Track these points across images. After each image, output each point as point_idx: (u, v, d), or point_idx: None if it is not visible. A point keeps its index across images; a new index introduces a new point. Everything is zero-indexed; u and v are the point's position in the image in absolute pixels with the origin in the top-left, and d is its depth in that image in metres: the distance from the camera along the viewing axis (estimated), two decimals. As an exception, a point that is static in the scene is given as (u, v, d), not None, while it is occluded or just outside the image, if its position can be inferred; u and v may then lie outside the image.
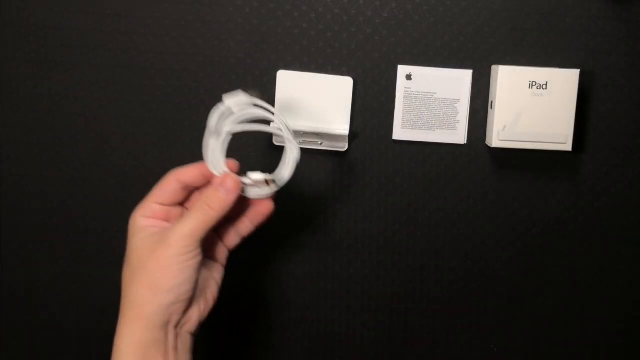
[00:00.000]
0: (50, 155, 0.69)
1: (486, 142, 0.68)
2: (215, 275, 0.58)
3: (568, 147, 0.64)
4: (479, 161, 0.69)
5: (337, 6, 0.66)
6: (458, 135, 0.68)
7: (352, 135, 0.68)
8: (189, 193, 0.57)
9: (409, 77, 0.67)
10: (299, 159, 0.55)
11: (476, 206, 0.69)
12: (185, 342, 0.54)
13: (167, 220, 0.55)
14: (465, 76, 0.67)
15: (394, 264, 0.71)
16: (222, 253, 0.59)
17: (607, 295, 0.70)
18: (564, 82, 0.63)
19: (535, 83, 0.63)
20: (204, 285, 0.56)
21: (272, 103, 0.67)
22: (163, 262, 0.51)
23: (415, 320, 0.71)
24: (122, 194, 0.70)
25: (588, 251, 0.70)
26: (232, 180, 0.54)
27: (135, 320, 0.51)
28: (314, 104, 0.67)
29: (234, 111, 0.54)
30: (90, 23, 0.67)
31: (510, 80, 0.64)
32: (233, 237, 0.59)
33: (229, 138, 0.55)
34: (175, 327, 0.53)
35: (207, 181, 0.55)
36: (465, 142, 0.68)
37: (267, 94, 0.68)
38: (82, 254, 0.71)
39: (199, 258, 0.52)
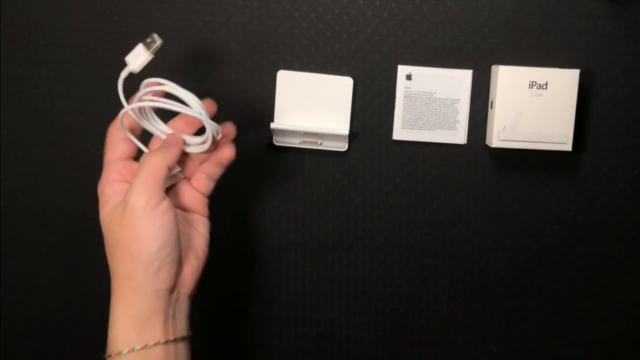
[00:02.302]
0: (50, 155, 0.69)
1: (486, 142, 0.68)
2: (199, 229, 0.56)
3: (568, 147, 0.64)
4: (479, 161, 0.69)
5: (337, 6, 0.66)
6: (458, 135, 0.68)
7: (352, 135, 0.68)
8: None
9: (409, 77, 0.67)
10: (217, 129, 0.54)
11: (476, 206, 0.69)
12: (183, 308, 0.53)
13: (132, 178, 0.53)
14: (465, 76, 0.67)
15: (394, 264, 0.71)
16: (200, 203, 0.57)
17: (607, 295, 0.70)
18: (564, 82, 0.63)
19: (535, 83, 0.64)
20: (189, 242, 0.54)
21: (272, 103, 0.67)
22: (133, 231, 0.49)
23: (415, 320, 0.71)
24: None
25: (588, 251, 0.70)
26: (173, 138, 0.54)
27: (127, 295, 0.50)
28: (314, 104, 0.67)
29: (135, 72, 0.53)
30: (90, 23, 0.67)
31: (510, 80, 0.64)
32: (206, 183, 0.57)
33: (140, 106, 0.53)
34: (171, 292, 0.52)
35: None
36: (465, 142, 0.68)
37: (267, 94, 0.68)
38: (82, 254, 0.71)
39: (166, 217, 0.50)
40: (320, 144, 0.68)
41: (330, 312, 0.72)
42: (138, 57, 0.54)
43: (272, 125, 0.66)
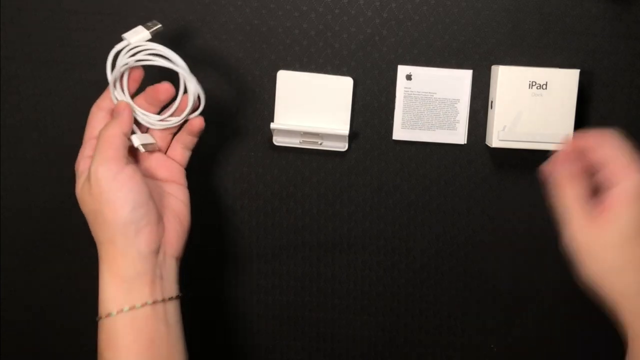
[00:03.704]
0: (50, 155, 0.69)
1: (486, 142, 0.68)
2: (179, 196, 0.58)
3: (568, 147, 0.64)
4: (479, 161, 0.69)
5: (337, 6, 0.66)
6: (458, 135, 0.68)
7: (352, 135, 0.68)
8: None
9: (409, 77, 0.67)
10: (199, 92, 0.57)
11: (476, 206, 0.69)
12: (171, 269, 0.55)
13: None
14: (465, 76, 0.67)
15: (394, 264, 0.71)
16: (178, 172, 0.60)
17: (607, 295, 0.70)
18: (564, 82, 0.64)
19: (535, 83, 0.64)
20: (170, 209, 0.56)
21: (272, 103, 0.67)
22: (102, 198, 0.51)
23: (415, 320, 0.71)
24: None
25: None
26: (121, 107, 0.56)
27: (112, 259, 0.52)
28: (314, 104, 0.67)
29: (132, 46, 0.56)
30: (90, 23, 0.67)
31: (510, 80, 0.64)
32: (182, 152, 0.60)
33: (124, 69, 0.57)
34: (157, 254, 0.53)
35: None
36: (465, 142, 0.68)
37: (267, 94, 0.68)
38: (82, 254, 0.71)
39: (132, 181, 0.52)
40: (320, 144, 0.68)
41: (330, 312, 0.72)
42: (136, 34, 0.56)
43: (272, 125, 0.66)
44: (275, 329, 0.72)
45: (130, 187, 0.52)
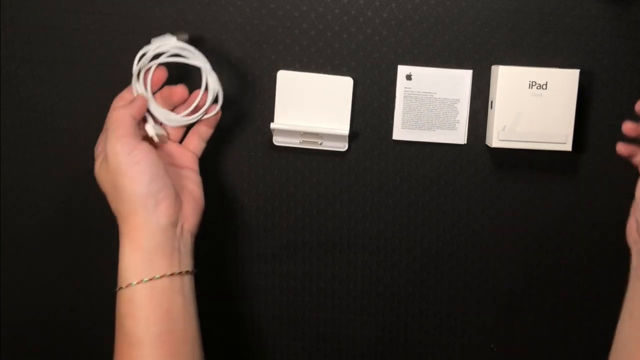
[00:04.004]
0: (50, 155, 0.69)
1: (486, 142, 0.68)
2: (193, 179, 0.62)
3: (568, 147, 0.64)
4: (479, 161, 0.69)
5: (337, 6, 0.66)
6: (458, 135, 0.68)
7: (352, 135, 0.68)
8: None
9: (409, 77, 0.67)
10: (219, 89, 0.62)
11: (476, 206, 0.69)
12: (187, 243, 0.58)
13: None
14: (465, 76, 0.67)
15: (394, 264, 0.71)
16: (191, 160, 0.63)
17: (606, 295, 0.70)
18: (564, 82, 0.64)
19: (535, 83, 0.64)
20: (185, 189, 0.60)
21: (272, 103, 0.67)
22: (121, 173, 0.54)
23: (415, 320, 0.71)
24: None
25: (588, 251, 0.70)
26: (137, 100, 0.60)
27: (134, 231, 0.55)
28: (314, 104, 0.67)
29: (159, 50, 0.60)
30: (90, 23, 0.67)
31: (510, 80, 0.64)
32: (198, 142, 0.64)
33: (150, 66, 0.61)
34: (175, 227, 0.56)
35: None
36: (465, 142, 0.68)
37: (267, 94, 0.68)
38: (82, 254, 0.71)
39: (147, 157, 0.55)
40: (320, 144, 0.68)
41: (330, 312, 0.72)
42: (164, 40, 0.60)
43: (272, 125, 0.66)
44: (275, 329, 0.72)
45: (146, 161, 0.55)
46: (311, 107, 0.67)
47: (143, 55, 0.60)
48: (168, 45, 0.60)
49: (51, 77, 0.68)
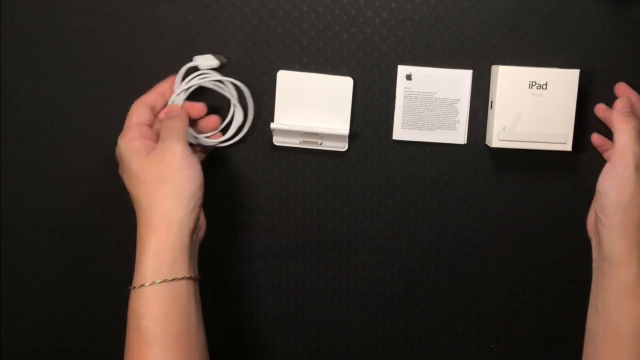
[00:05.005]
0: (50, 155, 0.69)
1: (486, 142, 0.68)
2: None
3: (568, 147, 0.64)
4: (479, 161, 0.69)
5: (337, 6, 0.66)
6: (458, 135, 0.68)
7: (352, 135, 0.68)
8: (154, 116, 0.63)
9: (409, 77, 0.67)
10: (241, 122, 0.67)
11: (476, 206, 0.69)
12: (196, 251, 0.60)
13: (151, 139, 0.61)
14: (465, 76, 0.67)
15: (394, 264, 0.71)
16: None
17: (607, 295, 0.70)
18: (564, 82, 0.64)
19: (535, 83, 0.64)
20: None
21: (272, 103, 0.67)
22: (176, 168, 0.57)
23: (415, 320, 0.71)
24: (122, 194, 0.69)
25: (588, 251, 0.69)
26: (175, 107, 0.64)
27: (168, 227, 0.56)
28: (314, 104, 0.67)
29: (199, 68, 0.65)
30: (90, 23, 0.67)
31: (510, 80, 0.64)
32: (204, 155, 0.67)
33: (192, 87, 0.65)
34: (195, 234, 0.59)
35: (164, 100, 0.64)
36: (465, 142, 0.68)
37: (267, 94, 0.68)
38: (82, 254, 0.71)
39: (199, 165, 0.59)
40: (320, 144, 0.68)
41: (330, 312, 0.72)
42: (206, 60, 0.65)
43: (272, 125, 0.66)
44: (275, 329, 0.72)
45: (198, 168, 0.59)
46: (311, 107, 0.67)
47: (187, 72, 0.65)
48: (209, 78, 0.65)
49: (51, 77, 0.68)
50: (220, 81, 0.65)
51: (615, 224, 0.59)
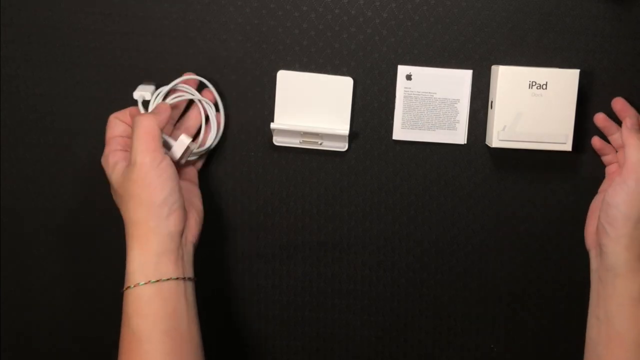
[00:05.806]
0: (50, 155, 0.69)
1: (486, 142, 0.68)
2: (194, 191, 0.66)
3: (568, 147, 0.64)
4: (479, 161, 0.69)
5: (337, 6, 0.66)
6: (458, 135, 0.68)
7: (352, 135, 0.68)
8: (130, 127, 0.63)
9: (409, 77, 0.67)
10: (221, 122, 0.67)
11: (476, 206, 0.69)
12: (189, 252, 0.61)
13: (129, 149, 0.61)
14: (465, 76, 0.67)
15: (394, 264, 0.71)
16: (192, 173, 0.67)
17: (607, 295, 0.70)
18: (563, 82, 0.64)
19: (535, 83, 0.64)
20: (190, 201, 0.63)
21: (273, 103, 0.67)
22: (144, 183, 0.57)
23: (415, 320, 0.71)
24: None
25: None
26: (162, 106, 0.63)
27: (144, 236, 0.58)
28: (314, 104, 0.67)
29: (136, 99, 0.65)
30: (90, 23, 0.67)
31: (510, 80, 0.64)
32: (199, 159, 0.68)
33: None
34: (181, 236, 0.59)
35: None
36: (465, 142, 0.68)
37: (267, 94, 0.68)
38: (83, 254, 0.71)
39: (170, 170, 0.59)
40: (320, 144, 0.68)
41: (330, 312, 0.72)
42: (143, 91, 0.64)
43: (272, 125, 0.66)
44: (275, 329, 0.72)
45: (168, 175, 0.58)
46: (311, 107, 0.67)
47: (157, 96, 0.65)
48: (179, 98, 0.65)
49: (51, 77, 0.68)
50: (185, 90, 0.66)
51: (622, 235, 0.60)
